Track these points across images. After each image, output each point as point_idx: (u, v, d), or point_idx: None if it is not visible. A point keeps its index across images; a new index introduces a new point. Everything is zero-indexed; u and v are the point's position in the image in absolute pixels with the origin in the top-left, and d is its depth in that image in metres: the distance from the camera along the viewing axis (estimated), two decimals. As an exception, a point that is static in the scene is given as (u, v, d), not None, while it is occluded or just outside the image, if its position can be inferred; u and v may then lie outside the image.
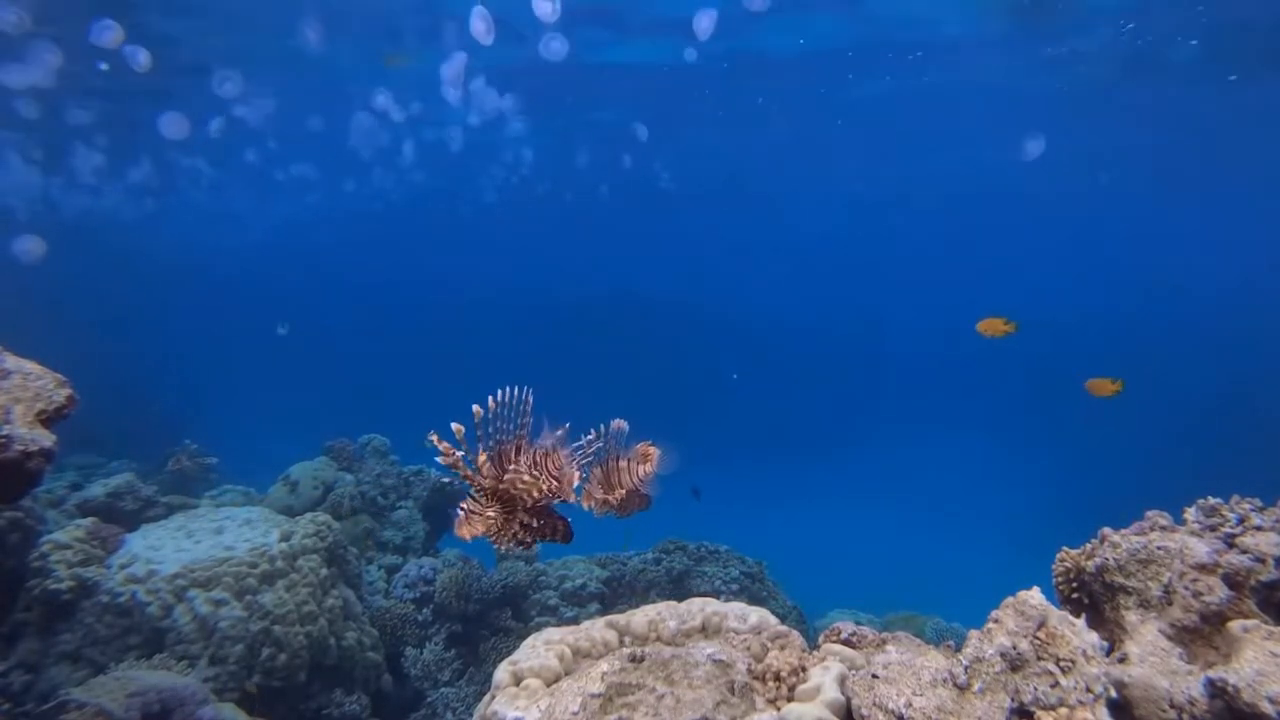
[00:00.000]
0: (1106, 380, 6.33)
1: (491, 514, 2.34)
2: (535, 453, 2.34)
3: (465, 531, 2.34)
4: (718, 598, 3.49)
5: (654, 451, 2.63)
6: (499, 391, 2.24)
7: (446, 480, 2.20)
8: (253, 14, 11.98)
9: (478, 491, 2.34)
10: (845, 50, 14.43)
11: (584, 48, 13.21)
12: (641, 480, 2.62)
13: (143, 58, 10.19)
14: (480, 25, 9.36)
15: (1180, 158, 20.64)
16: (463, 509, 2.33)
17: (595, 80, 16.06)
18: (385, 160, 21.80)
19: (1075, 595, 2.78)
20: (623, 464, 2.61)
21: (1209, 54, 13.64)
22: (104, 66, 12.56)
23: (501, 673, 2.56)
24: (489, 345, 38.24)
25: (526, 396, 2.28)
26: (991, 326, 6.22)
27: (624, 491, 2.61)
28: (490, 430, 2.25)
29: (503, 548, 2.40)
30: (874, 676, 2.18)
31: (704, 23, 10.08)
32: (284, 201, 27.82)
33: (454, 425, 2.19)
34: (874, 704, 2.09)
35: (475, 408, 2.18)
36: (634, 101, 17.32)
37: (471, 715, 2.65)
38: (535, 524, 2.42)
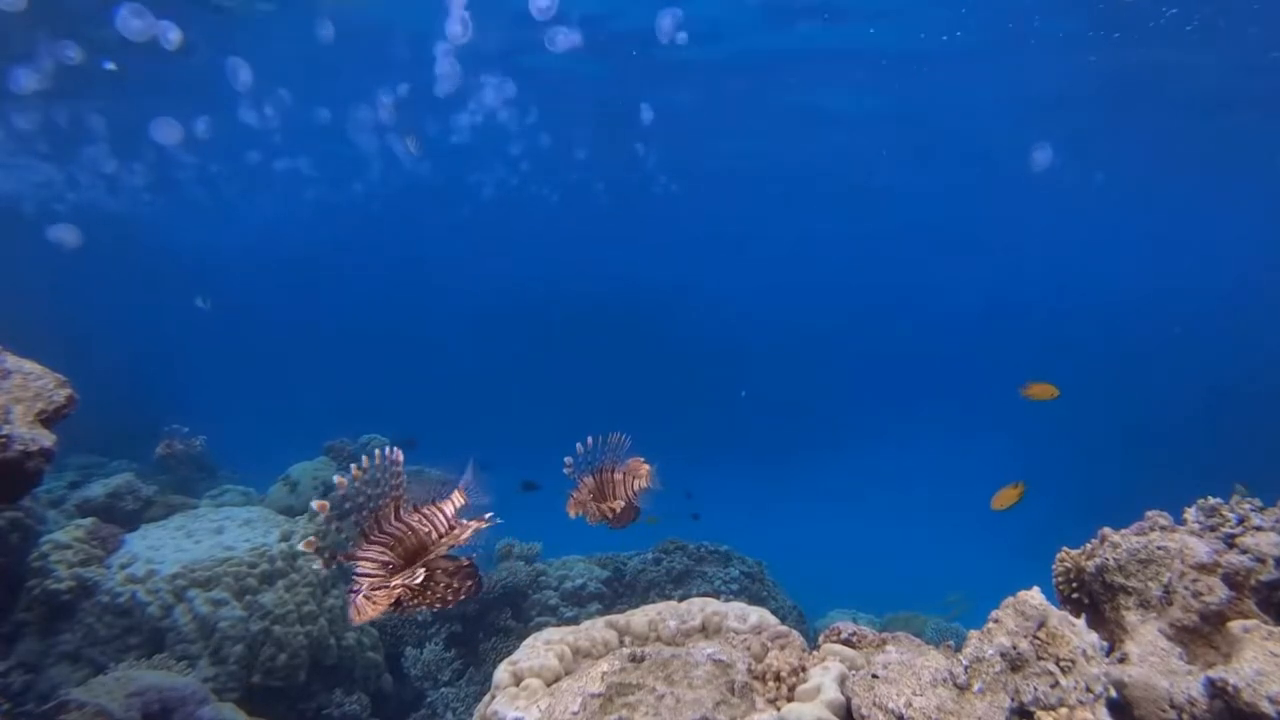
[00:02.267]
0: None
1: (399, 580, 2.12)
2: (423, 509, 2.22)
3: (370, 612, 2.06)
4: (718, 597, 3.49)
5: (646, 468, 2.73)
6: (363, 459, 2.12)
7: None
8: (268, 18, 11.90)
9: (369, 566, 2.10)
10: (842, 51, 14.41)
11: (585, 37, 13.20)
12: (635, 494, 2.72)
13: (174, 35, 9.32)
14: (457, 28, 9.30)
15: (1180, 152, 20.56)
16: (358, 588, 2.06)
17: (595, 75, 16.04)
18: (384, 157, 21.77)
19: (1075, 595, 2.79)
20: (617, 476, 2.70)
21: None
22: (110, 66, 12.16)
23: (501, 673, 2.56)
24: (489, 345, 38.26)
25: (394, 455, 2.16)
26: (1040, 391, 6.23)
27: (621, 504, 2.70)
28: (360, 499, 2.10)
29: (421, 610, 2.20)
30: (874, 676, 2.18)
31: (666, 23, 10.04)
32: (283, 199, 27.80)
33: (316, 503, 2.06)
34: (874, 704, 2.09)
35: (338, 478, 2.06)
36: (635, 97, 17.29)
37: (471, 715, 2.63)
38: (454, 572, 2.25)
